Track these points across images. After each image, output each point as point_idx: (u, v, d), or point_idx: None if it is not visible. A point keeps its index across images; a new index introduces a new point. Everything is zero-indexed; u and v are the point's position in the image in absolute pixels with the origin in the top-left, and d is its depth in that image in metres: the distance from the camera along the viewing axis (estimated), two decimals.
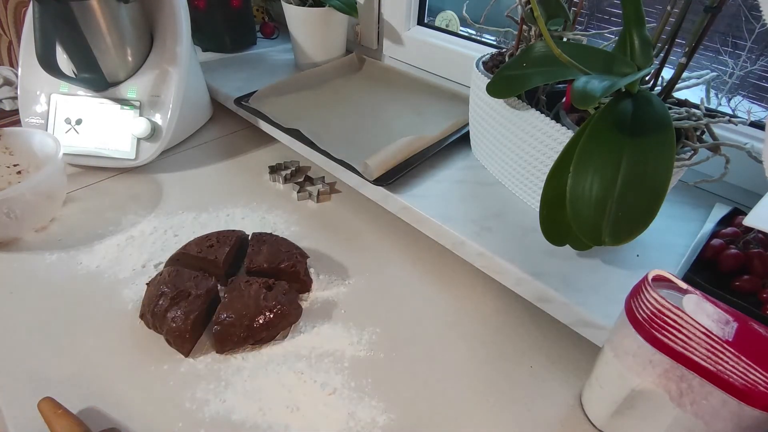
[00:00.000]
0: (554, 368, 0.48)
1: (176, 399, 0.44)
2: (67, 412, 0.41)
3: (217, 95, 0.85)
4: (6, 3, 1.02)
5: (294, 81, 0.81)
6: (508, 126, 0.54)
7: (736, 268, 0.44)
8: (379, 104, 0.77)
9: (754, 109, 0.64)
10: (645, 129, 0.39)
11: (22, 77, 0.70)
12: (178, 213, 0.66)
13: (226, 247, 0.54)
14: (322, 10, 0.82)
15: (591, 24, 0.74)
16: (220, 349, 0.48)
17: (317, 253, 0.60)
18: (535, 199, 0.54)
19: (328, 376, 0.46)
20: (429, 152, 0.63)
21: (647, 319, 0.34)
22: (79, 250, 0.59)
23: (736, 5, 0.60)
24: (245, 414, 0.43)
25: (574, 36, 0.51)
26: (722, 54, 0.64)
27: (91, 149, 0.70)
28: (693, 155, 0.44)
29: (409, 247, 0.62)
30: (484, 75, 0.55)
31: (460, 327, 0.52)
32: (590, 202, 0.39)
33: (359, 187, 0.62)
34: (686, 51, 0.42)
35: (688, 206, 0.57)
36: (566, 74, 0.44)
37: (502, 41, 0.78)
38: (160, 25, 0.71)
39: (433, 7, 0.90)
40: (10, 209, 0.55)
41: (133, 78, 0.70)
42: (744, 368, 0.30)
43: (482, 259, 0.51)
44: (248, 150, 0.80)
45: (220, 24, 0.95)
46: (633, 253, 0.50)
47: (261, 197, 0.69)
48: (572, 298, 0.45)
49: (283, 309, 0.49)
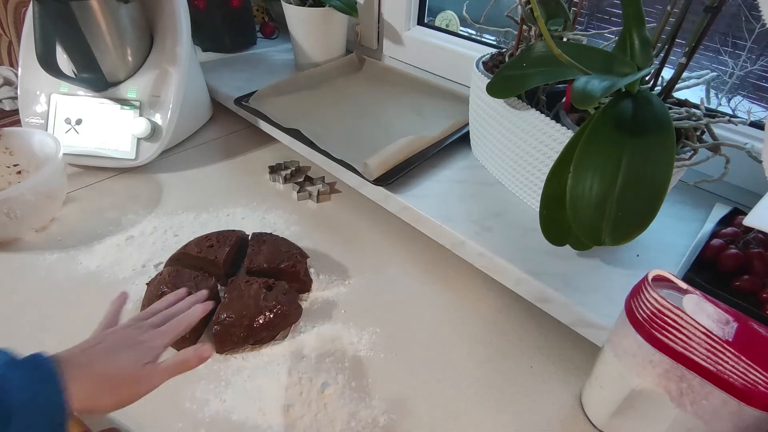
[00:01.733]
0: (554, 368, 0.48)
1: (176, 399, 0.44)
2: None
3: (217, 95, 0.85)
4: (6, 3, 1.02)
5: (294, 81, 0.81)
6: (508, 126, 0.54)
7: (736, 268, 0.44)
8: (379, 104, 0.77)
9: (754, 109, 0.64)
10: (645, 129, 0.39)
11: (22, 77, 0.70)
12: (178, 213, 0.66)
13: (226, 247, 0.54)
14: (322, 10, 0.82)
15: (591, 24, 0.74)
16: (220, 349, 0.48)
17: (317, 253, 0.60)
18: (535, 199, 0.54)
19: (329, 376, 0.46)
20: (429, 152, 0.63)
21: (647, 319, 0.34)
22: (79, 250, 0.59)
23: (736, 5, 0.60)
24: (245, 414, 0.43)
25: (574, 36, 0.51)
26: (722, 54, 0.64)
27: (91, 149, 0.70)
28: (693, 155, 0.44)
29: (409, 247, 0.62)
30: (484, 75, 0.55)
31: (460, 327, 0.52)
32: (590, 202, 0.39)
33: (359, 187, 0.62)
34: (686, 51, 0.42)
35: (688, 206, 0.57)
36: (566, 74, 0.44)
37: (502, 41, 0.78)
38: (160, 25, 0.71)
39: (433, 7, 0.90)
40: (10, 209, 0.55)
41: (133, 78, 0.70)
42: (744, 368, 0.30)
43: (482, 259, 0.51)
44: (248, 150, 0.80)
45: (220, 24, 0.95)
46: (633, 253, 0.50)
47: (261, 197, 0.69)
48: (572, 298, 0.45)
49: (283, 309, 0.49)
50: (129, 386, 0.33)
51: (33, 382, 0.27)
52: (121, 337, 0.35)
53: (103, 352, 0.33)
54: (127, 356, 0.33)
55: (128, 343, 0.34)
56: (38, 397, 0.27)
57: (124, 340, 0.35)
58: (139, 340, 0.35)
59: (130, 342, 0.34)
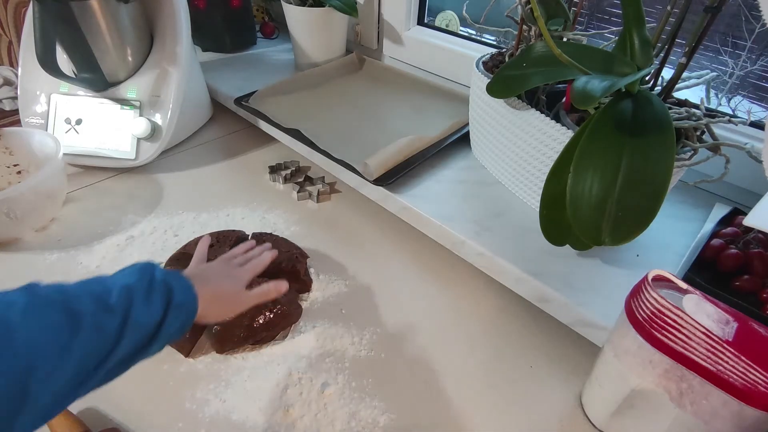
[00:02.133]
0: (554, 368, 0.48)
1: (176, 399, 0.44)
2: (67, 412, 0.41)
3: (217, 95, 0.85)
4: (6, 3, 1.02)
5: (294, 81, 0.81)
6: (508, 126, 0.54)
7: (736, 268, 0.44)
8: (379, 104, 0.77)
9: (754, 109, 0.64)
10: (645, 129, 0.39)
11: (22, 77, 0.70)
12: (178, 213, 0.66)
13: (226, 247, 0.54)
14: (322, 10, 0.82)
15: (591, 24, 0.74)
16: (220, 349, 0.48)
17: (317, 253, 0.60)
18: (535, 199, 0.54)
19: (329, 376, 0.46)
20: (429, 152, 0.63)
21: (647, 319, 0.34)
22: (79, 250, 0.59)
23: (736, 5, 0.60)
24: (245, 414, 0.43)
25: (574, 36, 0.51)
26: (722, 54, 0.64)
27: (91, 149, 0.70)
28: (693, 155, 0.44)
29: (409, 247, 0.62)
30: (484, 75, 0.55)
31: (460, 327, 0.52)
32: (590, 202, 0.39)
33: (359, 187, 0.62)
34: (686, 51, 0.42)
35: (688, 206, 0.57)
36: (566, 74, 0.44)
37: (502, 41, 0.78)
38: (160, 25, 0.71)
39: (433, 7, 0.90)
40: (10, 209, 0.55)
41: (133, 78, 0.70)
42: (744, 368, 0.30)
43: (482, 259, 0.51)
44: (248, 150, 0.80)
45: (220, 24, 0.95)
46: (633, 253, 0.50)
47: (261, 197, 0.69)
48: (572, 298, 0.45)
49: (283, 309, 0.49)
50: (230, 303, 0.43)
51: (182, 287, 0.36)
52: (220, 269, 0.45)
53: (214, 275, 0.44)
54: (228, 282, 0.43)
55: (227, 273, 0.45)
56: (185, 298, 0.36)
57: (223, 270, 0.45)
58: (232, 273, 0.45)
59: (227, 273, 0.45)
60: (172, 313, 0.34)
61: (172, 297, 0.35)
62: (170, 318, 0.34)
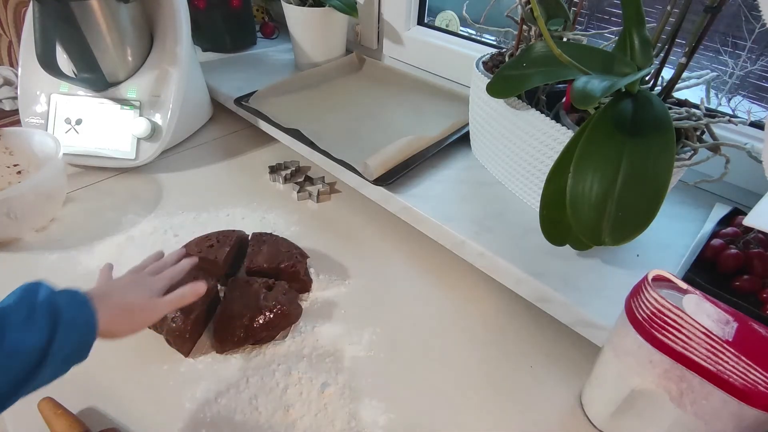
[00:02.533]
0: (554, 368, 0.48)
1: (176, 399, 0.44)
2: (67, 412, 0.41)
3: (217, 95, 0.85)
4: (6, 3, 1.02)
5: (294, 81, 0.81)
6: (508, 126, 0.54)
7: (736, 268, 0.44)
8: (379, 104, 0.77)
9: (754, 109, 0.64)
10: (645, 129, 0.39)
11: (22, 77, 0.70)
12: (178, 213, 0.66)
13: (226, 247, 0.54)
14: (322, 10, 0.82)
15: (591, 24, 0.74)
16: (220, 349, 0.48)
17: (317, 253, 0.60)
18: (535, 199, 0.54)
19: (329, 376, 0.46)
20: (429, 152, 0.63)
21: (647, 319, 0.34)
22: (79, 250, 0.59)
23: (736, 5, 0.60)
24: (245, 414, 0.43)
25: (574, 36, 0.51)
26: (722, 54, 0.64)
27: (91, 149, 0.70)
28: (693, 155, 0.44)
29: (409, 247, 0.62)
30: (484, 75, 0.55)
31: (460, 327, 0.52)
32: (590, 202, 0.39)
33: (359, 187, 0.62)
34: (686, 51, 0.42)
35: (688, 206, 0.57)
36: (566, 74, 0.44)
37: (502, 41, 0.78)
38: (160, 25, 0.71)
39: (433, 7, 0.90)
40: (10, 209, 0.55)
41: (133, 78, 0.70)
42: (744, 368, 0.30)
43: (482, 259, 0.51)
44: (248, 150, 0.80)
45: (220, 24, 0.95)
46: (633, 253, 0.50)
47: (261, 197, 0.69)
48: (572, 298, 0.45)
49: (283, 309, 0.49)
50: (141, 313, 0.40)
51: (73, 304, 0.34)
52: (128, 280, 0.44)
53: (117, 289, 0.42)
54: (135, 291, 0.41)
55: (135, 283, 0.43)
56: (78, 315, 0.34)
57: (131, 281, 0.43)
58: (141, 282, 0.43)
59: (136, 283, 0.43)
60: (61, 332, 0.32)
61: (59, 316, 0.32)
62: (60, 338, 0.31)
